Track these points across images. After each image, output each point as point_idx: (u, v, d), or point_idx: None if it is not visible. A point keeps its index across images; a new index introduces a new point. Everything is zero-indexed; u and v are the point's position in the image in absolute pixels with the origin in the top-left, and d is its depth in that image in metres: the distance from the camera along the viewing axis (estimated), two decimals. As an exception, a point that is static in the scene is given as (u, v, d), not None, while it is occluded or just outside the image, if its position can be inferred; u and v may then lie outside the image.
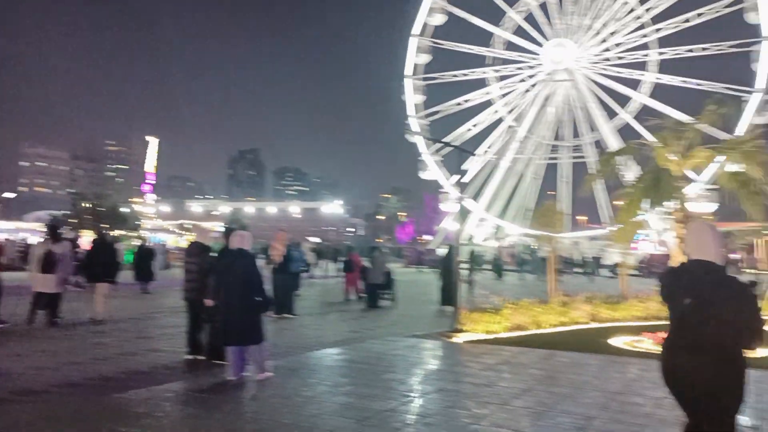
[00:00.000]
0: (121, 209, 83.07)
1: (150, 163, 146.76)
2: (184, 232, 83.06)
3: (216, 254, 9.78)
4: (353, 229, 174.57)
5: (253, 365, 8.79)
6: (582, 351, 11.66)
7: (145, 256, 25.06)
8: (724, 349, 4.01)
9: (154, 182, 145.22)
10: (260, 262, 14.25)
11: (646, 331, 13.40)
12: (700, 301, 4.05)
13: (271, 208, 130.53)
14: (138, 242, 34.69)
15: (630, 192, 13.32)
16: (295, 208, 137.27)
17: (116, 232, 61.78)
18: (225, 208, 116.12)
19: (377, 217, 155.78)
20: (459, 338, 12.85)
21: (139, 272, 24.37)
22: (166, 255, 43.10)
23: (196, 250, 10.28)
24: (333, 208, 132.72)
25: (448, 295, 16.83)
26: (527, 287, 30.27)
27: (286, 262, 15.61)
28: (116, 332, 13.45)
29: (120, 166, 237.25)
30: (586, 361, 10.72)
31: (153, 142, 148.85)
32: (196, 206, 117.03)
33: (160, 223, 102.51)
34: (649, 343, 12.30)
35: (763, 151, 12.61)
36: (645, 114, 61.00)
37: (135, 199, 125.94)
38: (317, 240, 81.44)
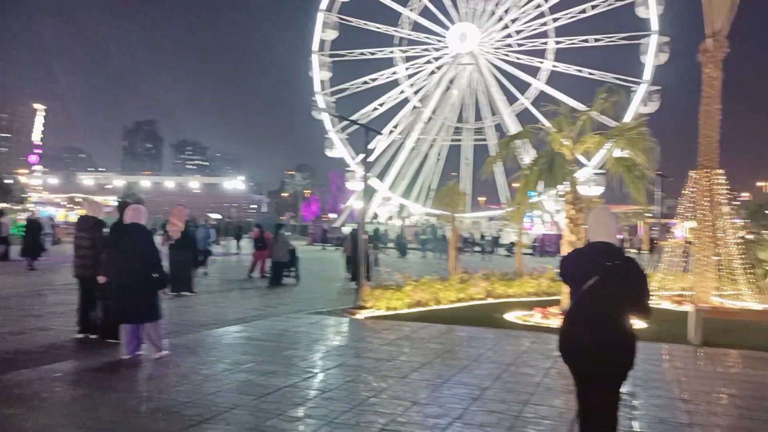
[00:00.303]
0: (5, 180, 77.16)
1: (36, 133, 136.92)
2: (74, 206, 78.39)
3: (109, 229, 9.34)
4: (256, 206, 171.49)
5: (148, 344, 8.52)
6: (478, 325, 12.16)
7: (32, 230, 23.52)
8: (622, 323, 4.39)
9: (40, 153, 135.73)
10: (158, 239, 13.78)
11: (537, 306, 14.16)
12: (604, 279, 4.39)
13: (169, 183, 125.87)
14: (24, 216, 32.49)
15: (526, 174, 13.90)
16: (194, 184, 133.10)
17: (-2, 205, 57.41)
18: (119, 181, 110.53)
19: (282, 194, 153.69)
20: (361, 315, 13.03)
21: (26, 247, 22.89)
22: (55, 230, 40.64)
23: (88, 224, 9.76)
24: (235, 183, 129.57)
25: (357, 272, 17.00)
26: (429, 265, 31.07)
27: (184, 239, 15.12)
28: (0, 310, 12.60)
29: (3, 135, 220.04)
30: (481, 335, 11.19)
31: (40, 110, 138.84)
32: (87, 179, 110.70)
33: (47, 196, 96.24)
34: (539, 317, 13.01)
35: (646, 138, 13.50)
36: (542, 100, 63.68)
37: (20, 170, 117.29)
38: (218, 216, 79.18)
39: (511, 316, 13.33)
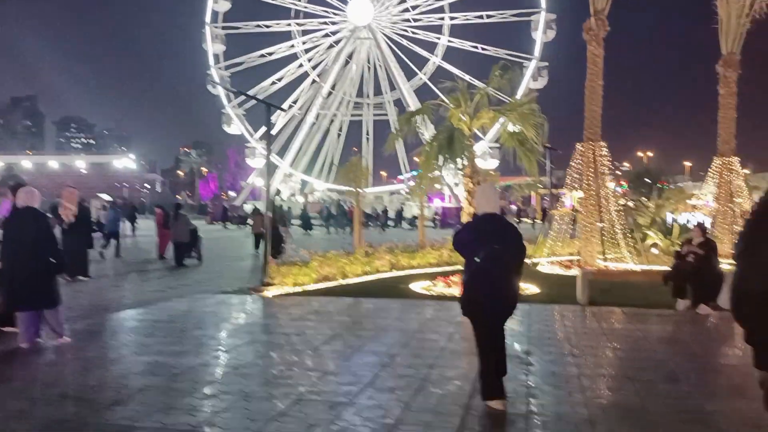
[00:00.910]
0: None
1: None
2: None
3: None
4: (150, 186, 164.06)
5: (47, 330, 8.19)
6: (384, 297, 12.53)
7: None
8: (514, 276, 5.72)
9: None
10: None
11: (439, 275, 14.75)
12: (504, 244, 5.63)
13: (53, 163, 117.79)
14: None
15: (426, 150, 14.32)
16: (81, 163, 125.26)
17: None
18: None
19: (177, 172, 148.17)
20: (268, 292, 13.04)
21: None
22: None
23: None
24: (125, 162, 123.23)
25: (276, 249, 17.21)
26: (334, 240, 31.26)
27: (78, 222, 14.39)
28: None
29: None
30: (388, 306, 11.55)
31: None
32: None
33: None
34: (442, 286, 13.58)
35: (536, 114, 14.25)
36: (440, 75, 65.10)
37: None
38: (107, 198, 75.26)
39: (416, 287, 13.80)
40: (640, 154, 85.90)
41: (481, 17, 64.18)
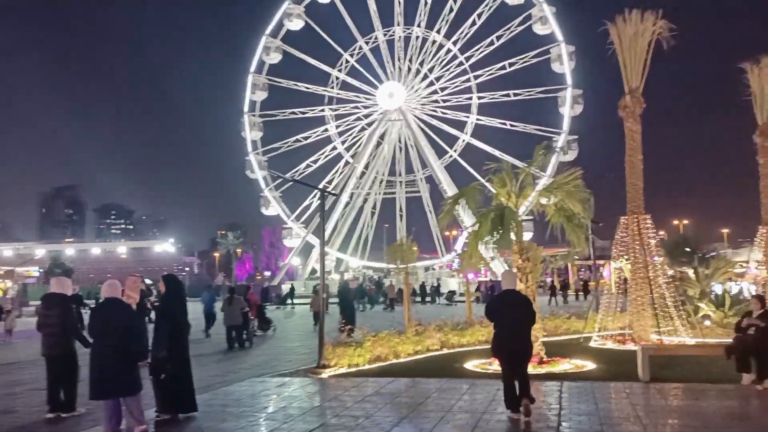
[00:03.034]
0: None
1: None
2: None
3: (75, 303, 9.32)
4: (188, 268, 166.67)
5: (128, 418, 8.46)
6: (442, 377, 12.56)
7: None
8: (527, 333, 9.12)
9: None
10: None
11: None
12: (519, 310, 9.10)
13: (95, 249, 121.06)
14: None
15: (476, 228, 14.67)
16: (122, 249, 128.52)
17: None
18: (41, 250, 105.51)
19: (213, 254, 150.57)
20: (325, 374, 13.17)
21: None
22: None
23: (55, 301, 9.69)
24: (164, 246, 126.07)
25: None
26: (373, 317, 31.27)
27: (139, 310, 14.85)
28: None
29: None
30: (448, 386, 11.59)
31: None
32: (6, 250, 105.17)
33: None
34: (497, 365, 13.53)
35: (581, 190, 14.60)
36: (469, 151, 66.37)
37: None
38: (149, 281, 76.80)
39: (470, 365, 13.79)
40: (675, 222, 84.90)
41: (508, 95, 65.82)
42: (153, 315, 15.20)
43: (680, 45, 18.44)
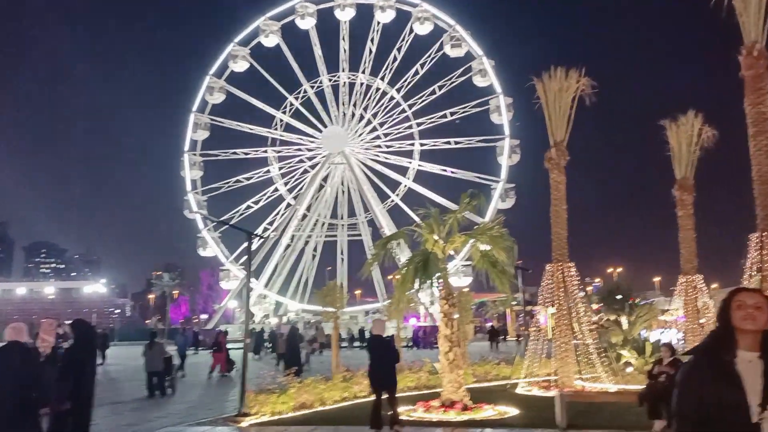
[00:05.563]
0: None
1: None
2: None
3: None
4: (119, 310, 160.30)
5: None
6: (364, 425, 12.37)
7: None
8: (391, 366, 11.92)
9: None
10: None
11: (419, 399, 14.66)
12: (382, 351, 11.99)
13: (21, 289, 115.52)
14: None
15: (403, 273, 14.79)
16: (50, 289, 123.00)
17: None
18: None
19: (147, 296, 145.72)
20: (245, 422, 12.82)
21: None
22: None
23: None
24: (95, 287, 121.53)
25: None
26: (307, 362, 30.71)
27: (53, 355, 14.17)
28: None
29: None
30: (368, 434, 11.42)
31: None
32: None
33: None
34: (422, 411, 13.50)
35: (505, 237, 14.96)
36: (411, 196, 67.19)
37: None
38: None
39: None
40: (610, 269, 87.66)
41: (449, 143, 67.37)
42: None
43: (604, 101, 19.41)
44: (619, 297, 27.81)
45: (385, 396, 11.52)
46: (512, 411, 13.48)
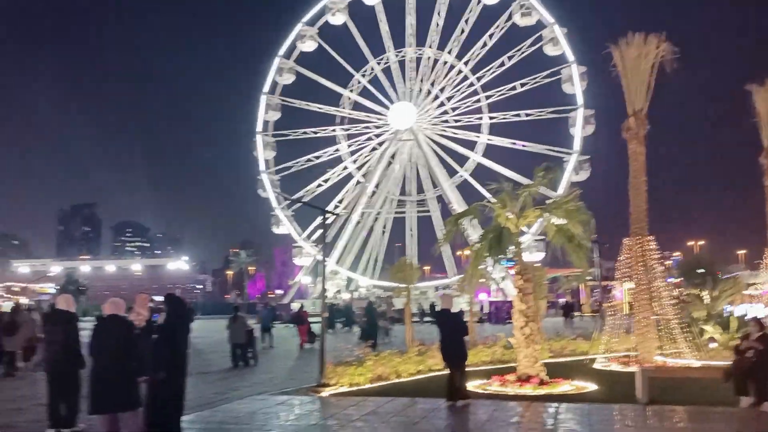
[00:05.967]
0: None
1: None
2: (11, 296, 75.08)
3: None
4: (201, 286, 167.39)
5: (126, 434, 8.62)
6: (440, 397, 12.58)
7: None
8: (461, 342, 12.17)
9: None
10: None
11: (494, 374, 14.72)
12: (451, 325, 12.23)
13: (110, 267, 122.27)
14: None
15: (476, 249, 14.77)
16: (136, 266, 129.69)
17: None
18: (57, 267, 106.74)
19: (226, 272, 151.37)
20: (326, 392, 13.27)
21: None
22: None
23: (61, 318, 9.92)
24: (179, 264, 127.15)
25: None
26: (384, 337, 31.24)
27: (148, 327, 15.06)
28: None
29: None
30: (444, 407, 11.63)
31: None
32: (23, 267, 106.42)
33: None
34: (497, 386, 13.57)
35: (581, 210, 14.66)
36: (480, 171, 66.48)
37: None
38: (161, 299, 77.16)
39: (470, 386, 13.78)
40: (690, 243, 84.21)
41: (518, 115, 66.02)
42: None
43: (686, 66, 18.48)
44: (700, 271, 26.79)
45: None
46: (590, 386, 13.34)
